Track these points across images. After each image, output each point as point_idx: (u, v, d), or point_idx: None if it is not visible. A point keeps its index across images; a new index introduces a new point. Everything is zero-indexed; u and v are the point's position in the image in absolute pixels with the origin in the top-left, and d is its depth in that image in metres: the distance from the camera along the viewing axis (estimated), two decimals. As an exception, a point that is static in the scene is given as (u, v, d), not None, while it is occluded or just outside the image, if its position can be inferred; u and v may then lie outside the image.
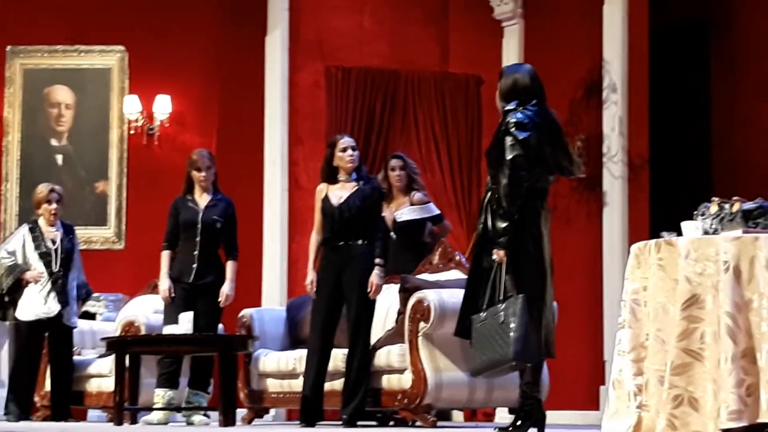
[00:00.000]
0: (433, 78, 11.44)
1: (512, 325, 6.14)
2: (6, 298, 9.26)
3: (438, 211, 9.17)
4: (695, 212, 5.65)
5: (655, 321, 5.47)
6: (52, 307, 9.19)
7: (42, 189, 9.42)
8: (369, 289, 7.81)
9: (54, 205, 9.33)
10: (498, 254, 6.31)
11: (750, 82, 10.46)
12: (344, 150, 7.96)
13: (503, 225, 6.29)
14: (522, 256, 6.33)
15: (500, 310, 6.21)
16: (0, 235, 10.92)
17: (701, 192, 8.49)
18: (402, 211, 9.02)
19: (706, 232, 5.53)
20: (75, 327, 9.36)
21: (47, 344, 9.33)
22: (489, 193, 6.45)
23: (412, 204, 9.05)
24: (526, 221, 6.35)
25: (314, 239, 8.05)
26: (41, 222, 9.35)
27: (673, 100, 11.17)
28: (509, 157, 6.31)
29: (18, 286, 9.22)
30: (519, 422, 6.39)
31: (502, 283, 6.29)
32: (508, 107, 6.47)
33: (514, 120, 6.38)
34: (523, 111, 6.42)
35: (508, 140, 6.35)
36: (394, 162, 9.17)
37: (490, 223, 6.39)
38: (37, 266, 9.22)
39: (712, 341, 5.27)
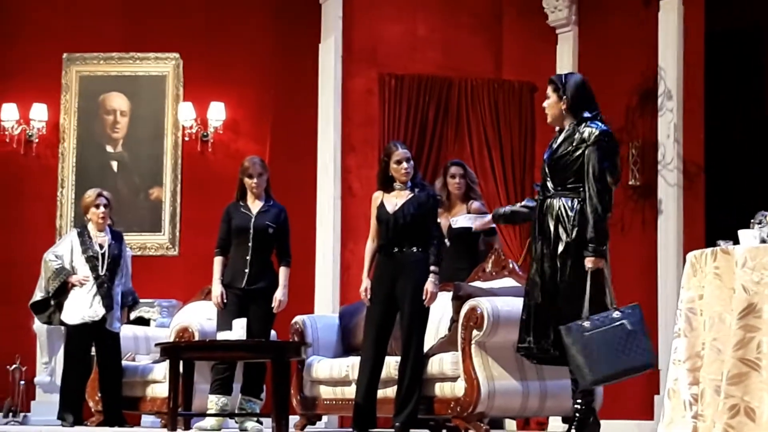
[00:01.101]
0: (486, 85, 11.41)
1: (643, 332, 6.19)
2: (52, 302, 9.32)
3: (494, 225, 9.16)
4: (752, 220, 5.59)
5: (711, 330, 5.42)
6: (98, 310, 9.23)
7: (90, 194, 9.48)
8: (424, 297, 7.80)
9: (102, 210, 9.37)
10: (595, 262, 6.33)
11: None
12: (399, 162, 7.95)
13: (602, 233, 6.33)
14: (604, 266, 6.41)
15: (621, 319, 6.19)
16: (56, 240, 10.99)
17: (758, 200, 8.42)
18: (458, 218, 9.01)
19: (763, 241, 5.48)
20: (118, 332, 9.39)
21: (95, 350, 9.37)
22: (554, 200, 6.43)
23: (469, 212, 9.04)
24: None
25: (369, 246, 8.05)
26: (90, 227, 9.41)
27: (729, 107, 11.08)
28: (603, 166, 6.41)
29: (64, 290, 9.28)
30: (573, 431, 6.36)
31: (608, 293, 6.34)
32: (586, 115, 6.48)
33: (600, 131, 6.45)
34: (602, 122, 6.49)
35: (601, 150, 6.40)
36: (454, 169, 9.18)
37: (564, 230, 6.39)
38: (83, 270, 9.27)
39: (769, 351, 5.22)
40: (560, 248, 6.42)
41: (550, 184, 6.52)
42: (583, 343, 6.22)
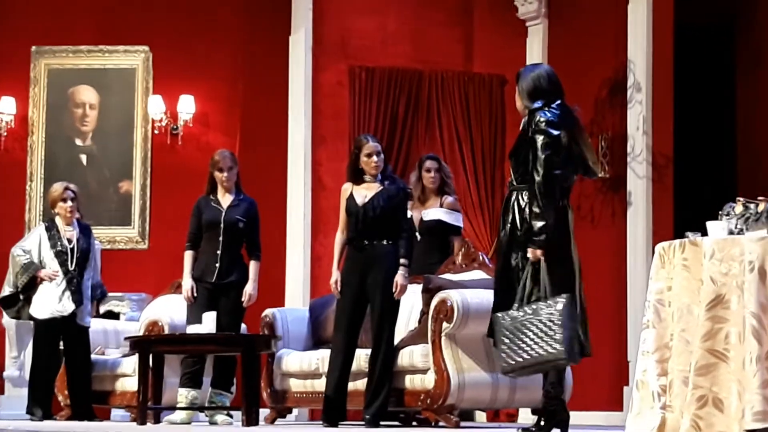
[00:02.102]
0: (456, 78, 11.41)
1: (560, 324, 6.11)
2: (21, 296, 9.28)
3: (461, 224, 9.17)
4: (720, 212, 5.61)
5: (679, 321, 5.44)
6: (67, 305, 9.19)
7: (57, 188, 9.43)
8: (394, 290, 7.80)
9: (69, 204, 9.32)
10: (534, 253, 6.29)
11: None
12: (369, 155, 7.95)
13: (539, 224, 6.28)
14: (556, 255, 6.32)
15: (543, 309, 6.18)
16: (25, 234, 10.94)
17: (726, 192, 8.46)
18: (429, 211, 9.02)
19: (731, 232, 5.49)
20: (88, 326, 9.36)
21: (64, 344, 9.33)
22: (515, 193, 6.43)
23: (441, 206, 9.05)
24: (556, 220, 6.34)
25: (339, 239, 8.04)
26: (58, 221, 9.36)
27: (698, 100, 11.11)
28: (543, 156, 6.31)
29: (33, 284, 9.23)
30: (542, 423, 6.37)
31: (541, 283, 6.27)
32: (535, 106, 6.46)
33: (544, 119, 6.37)
34: (551, 110, 6.42)
35: (540, 139, 6.34)
36: (429, 163, 9.19)
37: (519, 222, 6.37)
38: (52, 265, 9.23)
39: (737, 342, 5.24)
40: (513, 240, 6.41)
41: (512, 177, 6.54)
42: (506, 331, 6.24)
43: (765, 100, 10.50)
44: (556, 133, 6.36)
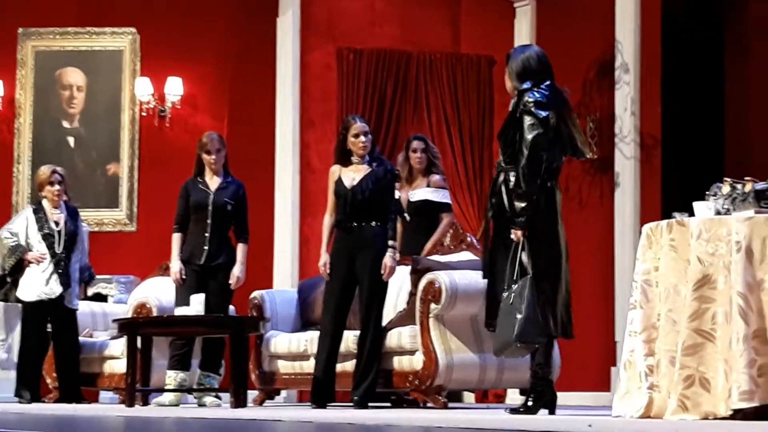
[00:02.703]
0: (444, 59, 11.40)
1: (519, 306, 6.15)
2: (8, 279, 9.26)
3: (448, 201, 9.14)
4: (707, 192, 5.62)
5: (666, 301, 5.45)
6: (54, 288, 9.18)
7: (44, 170, 9.40)
8: (382, 271, 7.80)
9: (57, 187, 9.31)
10: (516, 234, 6.30)
11: (763, 62, 10.41)
12: (356, 136, 7.94)
13: (522, 205, 6.28)
14: (539, 235, 6.32)
15: (513, 290, 6.20)
16: (12, 217, 10.92)
17: (713, 172, 8.47)
18: (416, 192, 9.02)
19: (718, 213, 5.50)
20: (76, 309, 9.35)
21: (52, 326, 9.32)
22: (502, 174, 6.43)
23: (428, 185, 9.04)
24: (543, 201, 6.34)
25: (327, 221, 8.04)
26: (45, 204, 9.34)
27: (685, 80, 11.12)
28: (530, 136, 6.30)
29: (20, 267, 9.22)
30: (530, 403, 6.39)
31: (516, 263, 6.27)
32: (523, 87, 6.45)
33: (532, 99, 6.36)
34: (539, 91, 6.41)
35: (528, 119, 6.33)
36: (416, 144, 9.17)
37: (506, 203, 6.37)
38: (39, 248, 9.21)
39: (723, 321, 5.26)
40: (501, 220, 6.41)
41: (500, 158, 6.53)
42: (500, 313, 6.29)
43: (753, 81, 10.52)
44: (543, 113, 6.35)
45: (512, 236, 6.31)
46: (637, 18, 10.20)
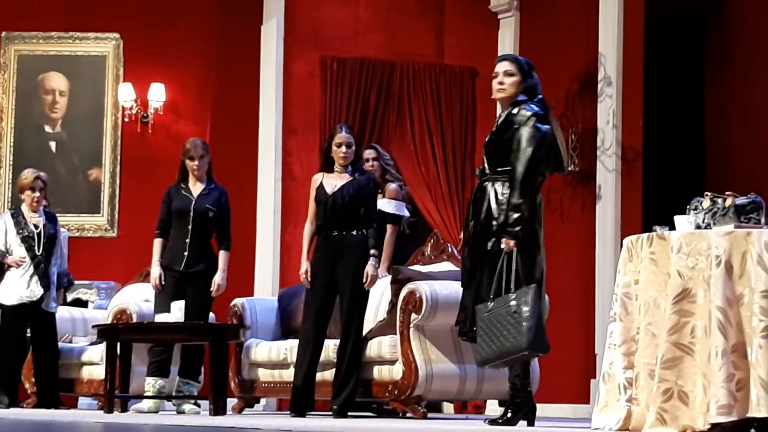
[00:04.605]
0: (428, 69, 11.42)
1: (525, 315, 6.10)
2: (-13, 284, 9.24)
3: (402, 213, 9.08)
4: (688, 206, 5.64)
5: (646, 314, 5.47)
6: (35, 290, 9.16)
7: (27, 175, 9.38)
8: (364, 280, 7.80)
9: (37, 194, 9.29)
10: (508, 244, 6.27)
11: (744, 76, 10.46)
12: (339, 145, 7.96)
13: (516, 215, 6.27)
14: (528, 246, 6.33)
15: (511, 299, 6.16)
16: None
17: (694, 186, 8.50)
18: (382, 201, 8.98)
19: (698, 227, 5.52)
20: (54, 312, 9.32)
21: (30, 331, 9.28)
22: (490, 183, 6.41)
23: (384, 195, 9.02)
24: (534, 213, 6.36)
25: (308, 229, 8.04)
26: (24, 207, 9.33)
27: (667, 94, 11.16)
28: (530, 149, 6.31)
29: (0, 271, 9.20)
30: (509, 414, 6.39)
31: (512, 273, 6.26)
32: (520, 98, 6.46)
33: (532, 112, 6.38)
34: (536, 104, 6.44)
35: (528, 131, 6.34)
36: (367, 153, 9.17)
37: (495, 212, 6.36)
38: (18, 251, 9.19)
39: (702, 335, 5.27)
40: (488, 231, 6.40)
41: (486, 168, 6.52)
42: (481, 323, 6.24)
43: (734, 96, 10.56)
44: (545, 128, 6.38)
45: (503, 246, 6.30)
46: (620, 31, 10.24)
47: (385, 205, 8.97)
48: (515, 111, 6.45)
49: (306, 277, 7.92)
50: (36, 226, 9.27)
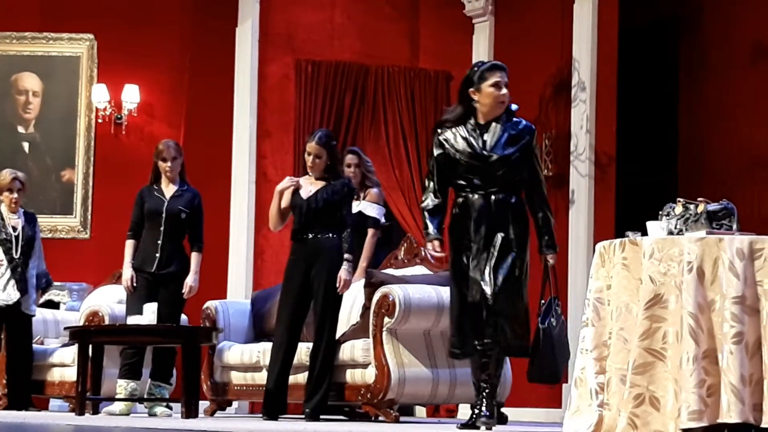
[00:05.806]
0: (402, 73, 11.43)
1: (563, 327, 6.48)
2: (-36, 285, 9.20)
3: (378, 216, 9.09)
4: (660, 212, 5.66)
5: (618, 320, 5.48)
6: (11, 294, 9.13)
7: (5, 175, 9.35)
8: (338, 284, 7.80)
9: (15, 194, 9.26)
10: (555, 258, 6.65)
11: (717, 83, 10.50)
12: (307, 154, 7.96)
13: (553, 233, 6.62)
14: (525, 251, 6.60)
15: (553, 316, 6.46)
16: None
17: (667, 192, 8.54)
18: (360, 204, 8.99)
19: (670, 233, 5.54)
20: (33, 315, 9.30)
21: (5, 333, 9.25)
22: (501, 195, 6.47)
23: (365, 199, 9.02)
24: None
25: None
26: (2, 208, 9.29)
27: (641, 100, 11.20)
28: (542, 174, 6.75)
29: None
30: (487, 410, 6.43)
31: (549, 287, 6.56)
32: (514, 108, 6.56)
33: (533, 127, 6.62)
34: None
35: (536, 154, 6.68)
36: (349, 158, 9.17)
37: (516, 225, 6.51)
38: (-4, 253, 9.17)
39: (674, 341, 5.29)
40: (508, 244, 6.47)
41: (487, 181, 6.51)
42: (556, 341, 6.52)
43: (707, 102, 10.61)
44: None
45: (550, 261, 6.65)
46: (594, 37, 10.28)
47: (366, 208, 8.98)
48: (515, 122, 6.52)
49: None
50: (14, 228, 9.23)
